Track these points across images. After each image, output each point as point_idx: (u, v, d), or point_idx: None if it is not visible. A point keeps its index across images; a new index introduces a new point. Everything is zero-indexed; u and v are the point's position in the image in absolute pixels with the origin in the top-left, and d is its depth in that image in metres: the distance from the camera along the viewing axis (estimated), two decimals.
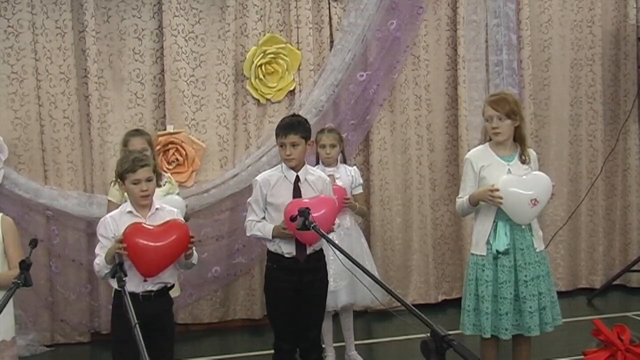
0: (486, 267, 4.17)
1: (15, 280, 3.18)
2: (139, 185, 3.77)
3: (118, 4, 5.98)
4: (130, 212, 3.82)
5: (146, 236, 3.68)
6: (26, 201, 5.73)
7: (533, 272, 4.17)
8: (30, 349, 5.75)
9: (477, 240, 4.23)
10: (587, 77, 6.99)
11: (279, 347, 4.29)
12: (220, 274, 6.18)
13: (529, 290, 4.14)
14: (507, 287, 4.14)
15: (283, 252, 4.17)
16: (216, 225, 6.14)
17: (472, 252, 4.28)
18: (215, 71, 6.15)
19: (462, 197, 4.27)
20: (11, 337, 3.76)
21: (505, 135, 4.16)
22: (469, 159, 4.27)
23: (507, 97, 4.23)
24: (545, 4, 6.86)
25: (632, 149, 7.09)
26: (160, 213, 3.87)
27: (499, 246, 4.13)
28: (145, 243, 3.66)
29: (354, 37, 6.25)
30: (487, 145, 4.25)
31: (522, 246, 4.17)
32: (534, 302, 4.15)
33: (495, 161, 4.19)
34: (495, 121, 4.13)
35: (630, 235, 7.16)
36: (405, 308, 2.74)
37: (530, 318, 4.14)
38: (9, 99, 5.80)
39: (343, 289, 5.00)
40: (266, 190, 4.18)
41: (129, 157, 3.87)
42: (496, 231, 4.15)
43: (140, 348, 2.47)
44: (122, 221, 3.79)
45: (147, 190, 3.78)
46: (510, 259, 4.15)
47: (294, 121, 4.25)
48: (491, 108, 4.14)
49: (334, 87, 6.24)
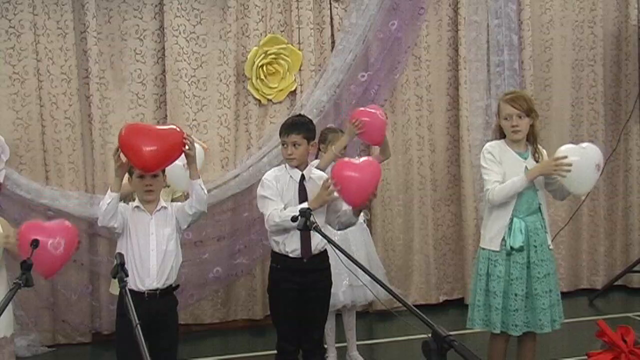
0: (499, 263, 4.15)
1: (17, 280, 3.19)
2: (143, 179, 3.82)
3: (119, 5, 5.98)
4: (137, 207, 3.88)
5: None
6: (27, 201, 5.73)
7: (545, 269, 4.16)
8: (32, 350, 5.75)
9: (492, 236, 4.19)
10: (589, 78, 6.99)
11: (281, 348, 4.28)
12: (222, 274, 6.18)
13: (542, 287, 4.13)
14: (519, 284, 4.12)
15: (288, 252, 4.17)
16: (217, 225, 6.13)
17: (483, 247, 4.23)
18: (216, 72, 6.15)
19: (496, 181, 4.10)
20: (10, 333, 3.78)
21: (524, 133, 4.15)
22: (489, 150, 4.19)
23: (524, 94, 4.28)
24: (546, 5, 6.87)
25: (633, 150, 7.09)
26: (166, 211, 3.92)
27: (514, 243, 4.11)
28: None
29: (355, 37, 6.25)
30: (502, 142, 4.22)
31: (536, 243, 4.15)
32: (546, 298, 4.14)
33: (513, 157, 4.16)
34: (515, 119, 4.11)
35: (631, 235, 7.16)
36: (407, 308, 2.74)
37: (543, 315, 4.13)
38: (10, 99, 5.81)
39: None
40: (276, 183, 4.14)
41: None
42: (511, 228, 4.14)
43: (142, 349, 2.47)
44: (129, 215, 3.86)
45: (151, 185, 3.82)
46: (524, 256, 4.13)
47: (297, 121, 4.26)
48: (510, 106, 4.12)
49: (335, 88, 6.24)
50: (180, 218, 3.93)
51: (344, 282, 4.98)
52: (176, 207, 3.98)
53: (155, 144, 3.69)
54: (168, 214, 3.93)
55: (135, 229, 3.85)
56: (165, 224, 3.90)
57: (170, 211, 3.94)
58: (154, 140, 3.70)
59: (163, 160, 3.76)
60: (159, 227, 3.87)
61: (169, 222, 3.92)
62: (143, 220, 3.87)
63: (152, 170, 3.77)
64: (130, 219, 3.85)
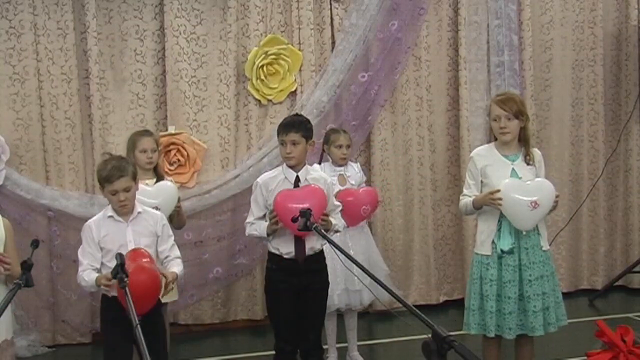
0: (491, 266, 4.16)
1: (17, 280, 3.19)
2: (116, 196, 3.72)
3: (120, 5, 5.98)
4: (111, 217, 3.79)
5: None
6: (27, 202, 5.74)
7: (538, 272, 4.16)
8: (32, 350, 5.75)
9: (482, 240, 4.22)
10: (589, 78, 6.99)
11: (279, 349, 4.28)
12: (222, 274, 6.18)
13: (534, 290, 4.13)
14: (512, 287, 4.13)
15: (282, 253, 4.17)
16: (217, 226, 6.14)
17: (476, 252, 4.28)
18: (216, 72, 6.15)
19: (466, 194, 4.27)
20: (11, 336, 3.77)
21: (513, 135, 4.16)
22: (472, 157, 4.30)
23: (514, 97, 4.27)
24: (546, 5, 6.87)
25: (633, 150, 7.09)
26: (143, 216, 3.83)
27: (503, 245, 4.13)
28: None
29: (355, 38, 6.25)
30: (492, 145, 4.27)
31: (527, 245, 4.16)
32: (538, 301, 4.14)
33: (499, 160, 4.19)
34: (504, 121, 4.13)
35: (631, 236, 7.16)
36: (407, 309, 2.74)
37: (534, 318, 4.14)
38: (10, 99, 5.81)
39: (365, 289, 5.00)
40: (266, 192, 4.18)
41: (107, 166, 3.76)
42: (501, 230, 4.16)
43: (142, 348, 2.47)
44: (103, 226, 3.76)
45: (124, 200, 3.71)
46: (515, 259, 4.14)
47: (295, 120, 4.27)
48: (499, 108, 4.14)
49: (336, 88, 6.24)
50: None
51: (339, 285, 4.99)
52: (161, 227, 3.88)
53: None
54: (146, 220, 3.82)
55: (112, 240, 3.74)
56: (143, 231, 3.80)
57: (152, 220, 3.84)
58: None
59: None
60: (137, 236, 3.77)
61: (147, 230, 3.82)
62: (119, 230, 3.76)
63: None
64: (104, 230, 3.74)
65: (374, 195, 5.27)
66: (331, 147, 5.22)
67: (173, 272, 3.79)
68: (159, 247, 3.86)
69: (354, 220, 5.09)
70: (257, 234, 4.22)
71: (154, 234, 3.84)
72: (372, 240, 5.47)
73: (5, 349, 3.68)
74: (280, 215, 4.06)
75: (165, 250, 3.87)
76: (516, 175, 4.16)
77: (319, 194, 4.11)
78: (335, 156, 5.22)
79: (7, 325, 3.66)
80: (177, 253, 3.92)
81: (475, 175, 4.24)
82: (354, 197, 5.08)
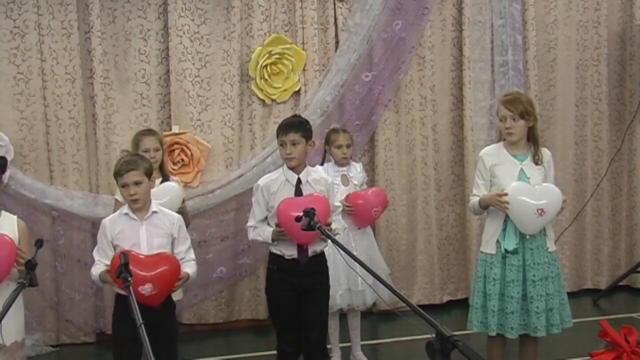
0: (494, 265, 4.17)
1: (21, 280, 3.19)
2: (126, 189, 3.77)
3: (124, 5, 5.99)
4: (126, 214, 3.83)
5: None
6: (32, 201, 5.75)
7: (542, 273, 4.16)
8: (36, 349, 5.75)
9: (487, 239, 4.23)
10: (593, 78, 6.98)
11: (281, 350, 4.28)
12: (226, 274, 6.19)
13: (537, 290, 4.13)
14: (515, 286, 4.13)
15: (284, 254, 4.17)
16: (221, 225, 6.14)
17: (481, 250, 4.28)
18: (220, 72, 6.16)
19: (475, 194, 4.28)
20: (21, 338, 3.78)
21: (519, 136, 4.16)
22: (481, 157, 4.30)
23: (521, 97, 4.26)
24: (550, 5, 6.85)
25: (637, 150, 7.07)
26: (158, 216, 3.86)
27: (507, 245, 4.14)
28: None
29: (359, 37, 6.25)
30: (501, 144, 4.27)
31: (532, 246, 4.16)
32: (541, 302, 4.14)
33: (508, 160, 4.19)
34: (509, 121, 4.13)
35: (635, 236, 7.14)
36: (410, 309, 2.74)
37: (537, 318, 4.14)
38: (14, 99, 5.82)
39: (367, 289, 5.01)
40: (267, 195, 4.18)
41: (120, 160, 3.88)
42: (506, 230, 4.15)
43: (146, 348, 2.47)
44: (118, 223, 3.81)
45: (135, 194, 3.75)
46: (519, 258, 4.14)
47: (294, 121, 4.28)
48: (505, 108, 4.14)
49: (339, 88, 6.23)
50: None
51: (342, 285, 5.00)
52: (177, 229, 3.91)
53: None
54: (161, 220, 3.85)
55: (125, 237, 3.78)
56: (157, 232, 3.83)
57: (167, 221, 3.87)
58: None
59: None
60: (150, 236, 3.80)
61: (162, 231, 3.84)
62: (132, 228, 3.80)
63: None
64: (119, 229, 3.78)
65: (383, 197, 5.33)
66: (332, 147, 5.24)
67: (185, 272, 3.85)
68: (175, 249, 3.89)
69: (365, 223, 5.23)
70: (261, 239, 4.23)
71: (169, 235, 3.87)
72: (373, 241, 5.49)
73: (15, 350, 3.68)
74: (283, 224, 4.06)
75: (182, 252, 3.91)
76: (524, 175, 4.16)
77: (321, 202, 4.11)
78: (336, 156, 5.23)
79: (16, 326, 3.66)
80: (192, 256, 3.96)
81: (484, 174, 4.25)
82: (364, 200, 5.14)
